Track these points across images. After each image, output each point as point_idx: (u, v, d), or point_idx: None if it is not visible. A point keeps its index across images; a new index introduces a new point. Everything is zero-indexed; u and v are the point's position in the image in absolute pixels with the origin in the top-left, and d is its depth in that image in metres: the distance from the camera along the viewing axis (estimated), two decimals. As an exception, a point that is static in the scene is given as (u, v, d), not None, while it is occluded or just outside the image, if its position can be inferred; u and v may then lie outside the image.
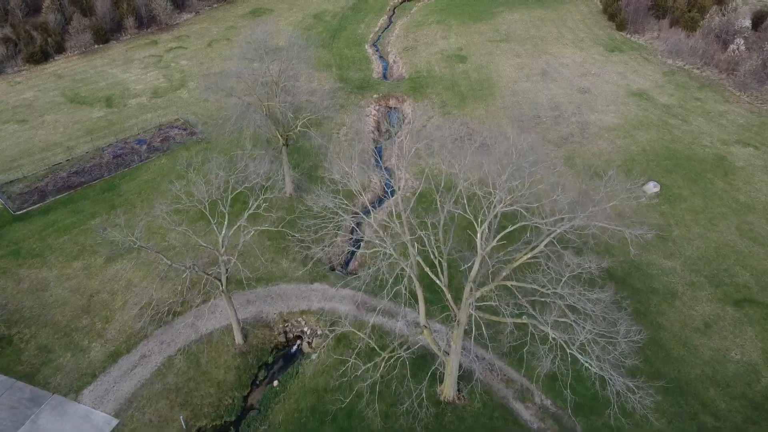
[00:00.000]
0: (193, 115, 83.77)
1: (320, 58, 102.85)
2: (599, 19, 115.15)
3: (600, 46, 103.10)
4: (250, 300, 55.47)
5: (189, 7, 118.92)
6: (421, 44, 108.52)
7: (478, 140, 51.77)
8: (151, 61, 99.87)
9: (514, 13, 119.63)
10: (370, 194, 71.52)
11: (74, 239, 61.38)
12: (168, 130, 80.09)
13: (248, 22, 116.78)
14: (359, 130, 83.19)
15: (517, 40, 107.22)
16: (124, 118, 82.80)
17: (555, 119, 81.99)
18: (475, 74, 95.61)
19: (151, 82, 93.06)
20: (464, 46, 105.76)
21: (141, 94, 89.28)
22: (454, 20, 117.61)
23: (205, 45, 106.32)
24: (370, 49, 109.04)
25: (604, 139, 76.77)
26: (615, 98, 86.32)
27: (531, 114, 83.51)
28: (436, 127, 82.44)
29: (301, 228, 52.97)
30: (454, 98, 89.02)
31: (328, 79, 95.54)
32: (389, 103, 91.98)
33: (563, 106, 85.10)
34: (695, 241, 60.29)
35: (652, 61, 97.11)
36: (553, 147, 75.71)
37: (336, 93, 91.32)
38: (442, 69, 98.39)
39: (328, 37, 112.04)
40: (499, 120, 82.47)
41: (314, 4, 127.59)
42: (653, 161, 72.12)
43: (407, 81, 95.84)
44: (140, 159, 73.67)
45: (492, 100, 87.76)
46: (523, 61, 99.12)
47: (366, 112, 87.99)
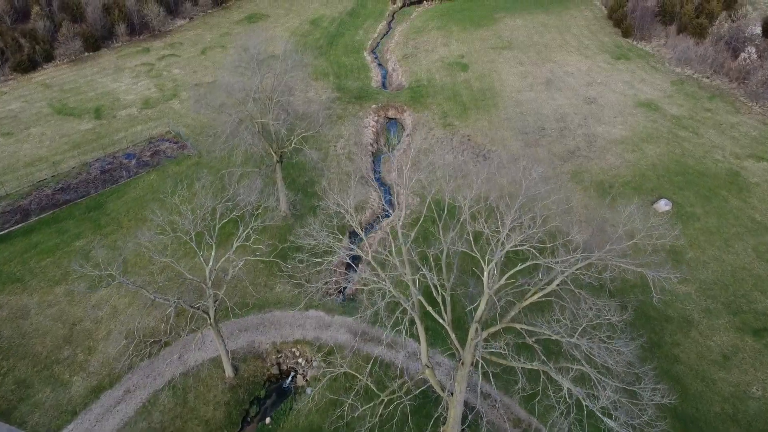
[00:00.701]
0: (185, 127, 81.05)
1: (317, 67, 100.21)
2: (604, 25, 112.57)
3: (606, 54, 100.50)
4: (241, 328, 52.74)
5: (182, 13, 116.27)
6: (421, 51, 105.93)
7: (484, 172, 48.05)
8: (143, 69, 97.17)
9: (516, 19, 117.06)
10: (369, 212, 68.87)
11: (57, 262, 58.64)
12: (158, 143, 77.38)
13: (243, 28, 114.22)
14: (357, 143, 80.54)
15: (520, 47, 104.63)
16: (113, 131, 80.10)
17: (561, 131, 79.35)
18: (477, 83, 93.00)
19: (142, 92, 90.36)
20: (466, 54, 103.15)
21: (131, 105, 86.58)
22: (454, 26, 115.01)
23: (198, 52, 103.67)
24: (368, 57, 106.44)
25: (613, 153, 74.12)
26: (622, 109, 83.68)
27: (536, 126, 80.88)
28: (438, 140, 79.85)
29: (294, 262, 49.86)
30: (455, 109, 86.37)
31: (325, 89, 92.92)
32: (388, 113, 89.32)
33: (569, 117, 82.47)
34: (710, 264, 57.63)
35: (659, 70, 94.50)
36: (560, 161, 73.05)
37: (333, 103, 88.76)
38: (442, 77, 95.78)
39: (326, 44, 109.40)
40: (502, 132, 79.83)
41: (311, 9, 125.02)
42: (664, 177, 69.47)
43: (407, 90, 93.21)
44: (128, 175, 70.96)
45: (495, 110, 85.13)
46: (527, 69, 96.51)
47: (364, 123, 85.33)
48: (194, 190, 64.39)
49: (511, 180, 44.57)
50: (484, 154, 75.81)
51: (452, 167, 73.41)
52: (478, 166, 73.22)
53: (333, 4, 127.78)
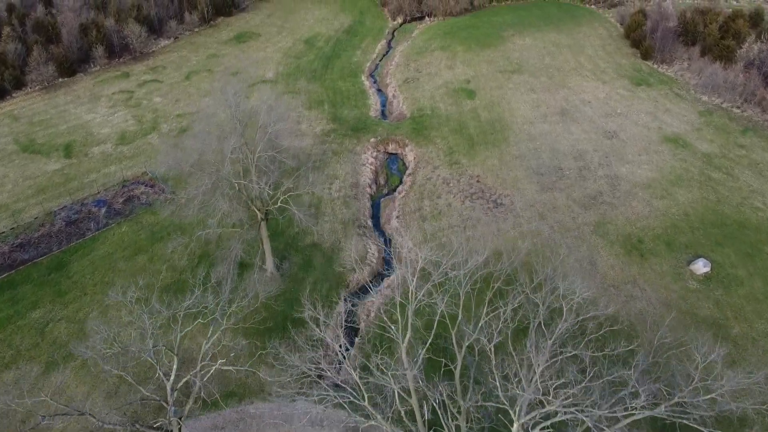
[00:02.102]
0: (162, 166, 73.95)
1: (311, 93, 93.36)
2: (621, 45, 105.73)
3: (625, 79, 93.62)
4: (216, 426, 45.67)
5: (167, 33, 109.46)
6: (424, 75, 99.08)
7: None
8: (121, 98, 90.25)
9: (525, 38, 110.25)
10: (368, 270, 61.85)
11: (8, 340, 51.58)
12: (133, 187, 70.43)
13: (232, 49, 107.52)
14: (354, 184, 73.59)
15: (531, 70, 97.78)
16: (84, 172, 73.14)
17: (580, 172, 72.39)
18: (486, 113, 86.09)
19: (118, 124, 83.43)
20: (472, 78, 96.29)
21: (106, 140, 79.64)
22: (459, 46, 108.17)
23: (182, 77, 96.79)
24: (366, 81, 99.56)
25: (639, 200, 67.14)
26: (647, 145, 76.74)
27: (551, 165, 73.92)
28: (443, 181, 72.93)
29: (279, 368, 42.12)
30: (462, 144, 79.44)
31: (319, 119, 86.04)
32: (388, 148, 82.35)
33: (588, 154, 75.52)
34: (761, 341, 50.59)
35: (685, 98, 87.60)
36: (580, 209, 66.08)
37: (328, 136, 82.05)
38: (447, 106, 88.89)
39: (320, 67, 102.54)
40: (515, 173, 72.87)
41: (306, 26, 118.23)
42: (699, 229, 62.48)
43: (409, 121, 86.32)
44: (97, 226, 63.98)
45: (506, 146, 78.19)
46: (539, 96, 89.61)
47: (362, 160, 78.36)
48: (160, 275, 57.75)
49: (526, 234, 37.29)
50: (495, 199, 68.84)
51: (460, 215, 66.62)
52: (489, 215, 66.39)
53: (329, 21, 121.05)
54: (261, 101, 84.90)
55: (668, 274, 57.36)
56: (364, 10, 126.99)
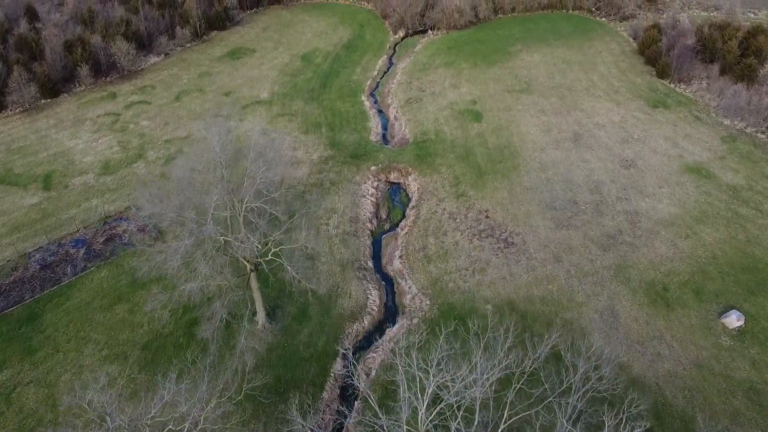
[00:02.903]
0: (148, 199, 69.36)
1: (308, 116, 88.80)
2: (634, 61, 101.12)
3: (640, 100, 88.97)
4: None
5: (157, 49, 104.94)
6: (428, 95, 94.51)
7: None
8: (106, 121, 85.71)
9: (533, 54, 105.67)
10: (368, 320, 57.19)
11: (-30, 408, 46.97)
12: (115, 224, 65.87)
13: (225, 66, 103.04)
14: (354, 219, 68.98)
15: (541, 90, 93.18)
16: (63, 207, 68.58)
17: (596, 207, 67.74)
18: (494, 138, 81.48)
19: (102, 151, 78.87)
20: (478, 98, 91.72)
21: (88, 170, 75.07)
22: (464, 62, 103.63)
23: (172, 98, 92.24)
24: (367, 101, 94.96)
25: (662, 239, 62.47)
26: (668, 175, 72.09)
27: (565, 198, 69.28)
28: (449, 216, 68.32)
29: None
30: (469, 173, 74.82)
31: (316, 145, 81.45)
32: (390, 177, 77.73)
33: (605, 186, 70.87)
34: (806, 411, 45.89)
35: (705, 122, 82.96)
36: (599, 250, 61.42)
37: (326, 164, 77.52)
38: (453, 130, 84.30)
39: (318, 86, 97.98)
40: (527, 207, 68.22)
41: (303, 41, 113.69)
42: (729, 275, 57.79)
43: (412, 146, 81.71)
44: (74, 271, 59.38)
45: (516, 176, 73.56)
46: (550, 119, 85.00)
47: (362, 191, 73.76)
48: (140, 329, 52.76)
49: (541, 279, 32.52)
50: (506, 238, 64.19)
51: (468, 256, 61.96)
52: (500, 256, 61.73)
53: (327, 35, 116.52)
54: (252, 133, 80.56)
55: (698, 329, 52.68)
56: (364, 23, 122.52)
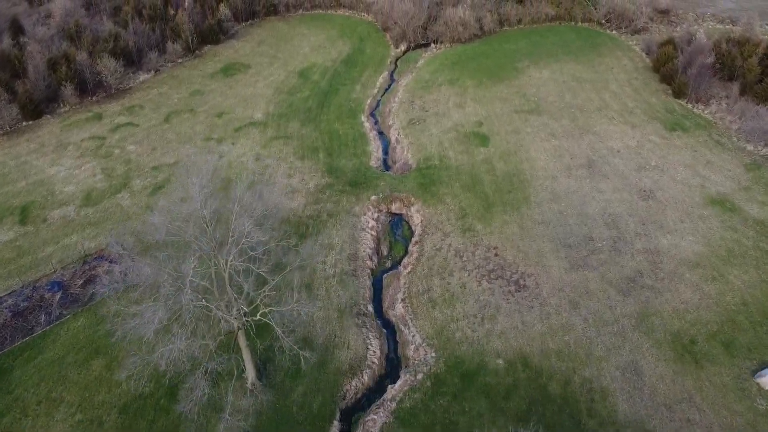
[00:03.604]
0: (132, 234, 65.17)
1: (304, 139, 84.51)
2: (648, 79, 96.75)
3: (656, 122, 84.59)
4: None
5: (146, 65, 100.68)
6: (431, 115, 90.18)
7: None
8: (91, 146, 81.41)
9: (542, 70, 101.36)
10: (367, 374, 52.78)
11: (-76, 486, 42.61)
12: (95, 264, 61.58)
13: (218, 84, 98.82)
14: (352, 256, 64.64)
15: (550, 110, 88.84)
16: (40, 244, 64.28)
17: (614, 244, 63.35)
18: (502, 164, 77.13)
19: (85, 180, 74.59)
20: (484, 119, 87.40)
21: (69, 201, 70.79)
22: (469, 79, 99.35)
23: (161, 119, 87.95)
24: (366, 123, 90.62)
25: (686, 283, 58.05)
26: (689, 208, 67.71)
27: (581, 234, 64.90)
28: (455, 253, 63.96)
29: None
30: (476, 204, 70.48)
31: (313, 171, 77.13)
32: (392, 207, 73.38)
33: (622, 220, 66.48)
34: None
35: (727, 147, 78.56)
36: (618, 295, 57.01)
37: (323, 193, 73.29)
38: (458, 155, 79.96)
39: (316, 106, 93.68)
40: (539, 244, 63.85)
41: (300, 56, 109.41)
42: (761, 325, 53.39)
43: (414, 173, 77.38)
44: (49, 319, 55.08)
45: (527, 208, 69.19)
46: (561, 144, 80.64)
47: (362, 224, 69.43)
48: (118, 388, 48.47)
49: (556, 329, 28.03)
50: (518, 279, 59.82)
51: (476, 301, 57.57)
52: (511, 301, 57.35)
53: (326, 50, 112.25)
54: (245, 159, 76.70)
55: (731, 390, 48.27)
56: (364, 36, 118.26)
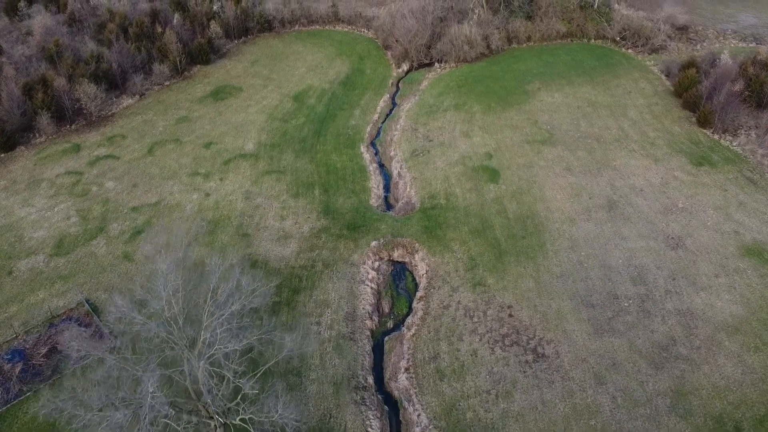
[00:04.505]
0: (106, 289, 59.45)
1: (299, 173, 78.61)
2: (670, 105, 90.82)
3: (681, 155, 78.63)
4: None
5: (131, 89, 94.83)
6: (436, 145, 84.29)
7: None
8: (66, 183, 75.55)
9: (554, 93, 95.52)
10: (366, 466, 46.87)
11: None
12: (63, 326, 55.65)
13: (207, 109, 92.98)
14: (350, 315, 58.72)
15: (565, 140, 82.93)
16: (2, 303, 58.40)
17: (642, 303, 57.38)
18: (514, 205, 71.22)
19: (57, 223, 68.73)
20: (494, 151, 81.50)
21: (38, 249, 64.92)
22: (476, 104, 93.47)
23: (144, 151, 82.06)
24: (366, 154, 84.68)
25: (726, 353, 52.06)
26: (723, 260, 61.76)
27: (604, 290, 58.94)
28: (465, 312, 58.09)
29: None
30: (487, 252, 64.57)
31: (307, 213, 71.23)
32: (394, 254, 67.45)
33: (649, 274, 60.53)
34: None
35: (760, 185, 72.58)
36: (649, 368, 51.01)
37: (318, 238, 67.48)
38: (466, 192, 74.07)
39: (311, 134, 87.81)
40: (558, 302, 57.91)
41: (296, 77, 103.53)
42: (816, 407, 47.39)
43: (418, 214, 71.48)
44: (6, 397, 49.24)
45: (543, 258, 63.26)
46: (579, 180, 74.70)
47: (361, 275, 63.53)
48: None
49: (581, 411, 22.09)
50: (535, 347, 53.87)
51: (489, 373, 51.59)
52: (528, 374, 51.38)
53: (323, 70, 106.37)
54: (234, 198, 70.15)
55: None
56: (364, 54, 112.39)
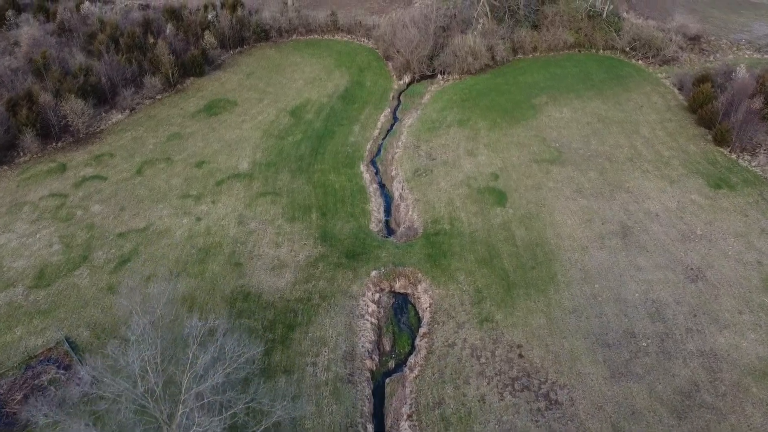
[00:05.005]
0: (88, 326, 55.97)
1: (295, 195, 75.15)
2: (683, 120, 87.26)
3: (698, 177, 75.07)
4: None
5: (120, 103, 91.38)
6: (439, 164, 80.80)
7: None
8: (50, 206, 72.10)
9: (562, 107, 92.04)
10: None
11: None
12: (39, 369, 52.15)
13: (200, 125, 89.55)
14: (349, 355, 55.15)
15: (575, 159, 79.42)
16: (-23, 341, 54.96)
17: (661, 343, 53.78)
18: (522, 231, 67.70)
19: (39, 251, 65.27)
20: (500, 171, 78.00)
21: (17, 281, 61.44)
22: (481, 120, 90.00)
23: (133, 171, 78.61)
24: (366, 174, 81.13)
25: (754, 401, 48.45)
26: (747, 294, 58.18)
27: (620, 328, 55.36)
28: (471, 352, 54.56)
29: None
30: (494, 284, 61.04)
31: (304, 239, 67.74)
32: (395, 285, 63.94)
33: (668, 309, 56.96)
34: None
35: (782, 210, 69.14)
36: (672, 418, 47.40)
37: (315, 267, 64.14)
38: (471, 217, 70.55)
39: (309, 152, 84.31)
40: (571, 342, 54.33)
41: (293, 91, 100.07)
42: None
43: (421, 240, 67.98)
44: (-25, 452, 45.62)
45: (554, 290, 59.71)
46: (590, 204, 71.17)
47: (360, 309, 59.99)
48: None
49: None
50: (547, 392, 50.27)
51: (499, 422, 48.01)
52: (540, 423, 47.77)
53: (321, 82, 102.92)
54: (226, 222, 64.88)
55: None
56: (364, 66, 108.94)
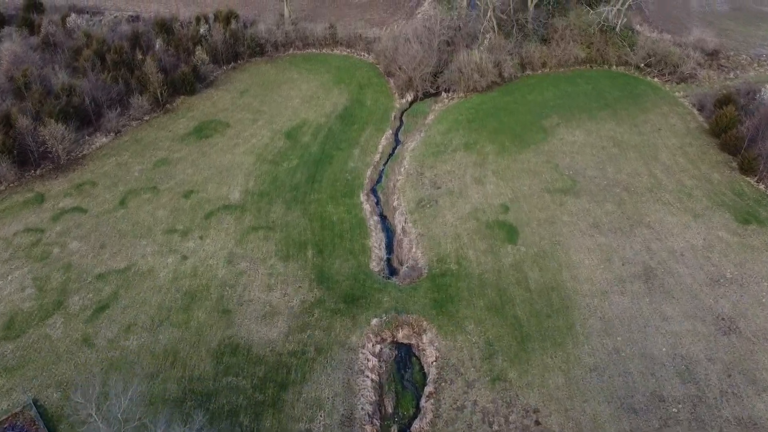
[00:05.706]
0: (59, 386, 50.95)
1: (290, 229, 70.17)
2: (705, 146, 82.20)
3: (724, 210, 70.01)
4: None
5: (105, 125, 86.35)
6: (444, 193, 75.82)
7: None
8: (24, 243, 67.14)
9: (574, 130, 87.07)
10: None
11: None
12: (3, 439, 47.15)
13: (190, 150, 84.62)
14: (347, 419, 50.09)
15: (590, 190, 74.39)
16: (-66, 405, 49.89)
17: (693, 408, 48.70)
18: (536, 272, 62.70)
19: (10, 296, 60.30)
20: (510, 202, 73.01)
21: (-16, 331, 56.50)
22: (489, 143, 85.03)
23: (116, 202, 73.62)
24: (366, 203, 76.12)
25: (803, 482, 43.44)
26: (786, 349, 53.18)
27: (647, 390, 50.28)
28: (482, 417, 49.58)
29: None
30: (506, 335, 56.03)
31: (299, 281, 62.77)
32: (398, 334, 58.91)
33: (699, 366, 51.90)
34: None
35: (818, 250, 64.10)
36: (711, 503, 42.36)
37: (310, 314, 59.34)
38: (480, 255, 65.56)
39: (305, 180, 79.28)
40: (593, 405, 49.27)
41: (289, 110, 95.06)
42: None
43: (426, 282, 63.00)
44: None
45: (573, 343, 54.67)
46: (609, 242, 66.14)
47: (360, 363, 54.95)
48: None
49: None
50: (569, 469, 45.18)
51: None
52: None
53: (319, 101, 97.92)
54: (213, 261, 55.33)
55: None
56: (364, 83, 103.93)
